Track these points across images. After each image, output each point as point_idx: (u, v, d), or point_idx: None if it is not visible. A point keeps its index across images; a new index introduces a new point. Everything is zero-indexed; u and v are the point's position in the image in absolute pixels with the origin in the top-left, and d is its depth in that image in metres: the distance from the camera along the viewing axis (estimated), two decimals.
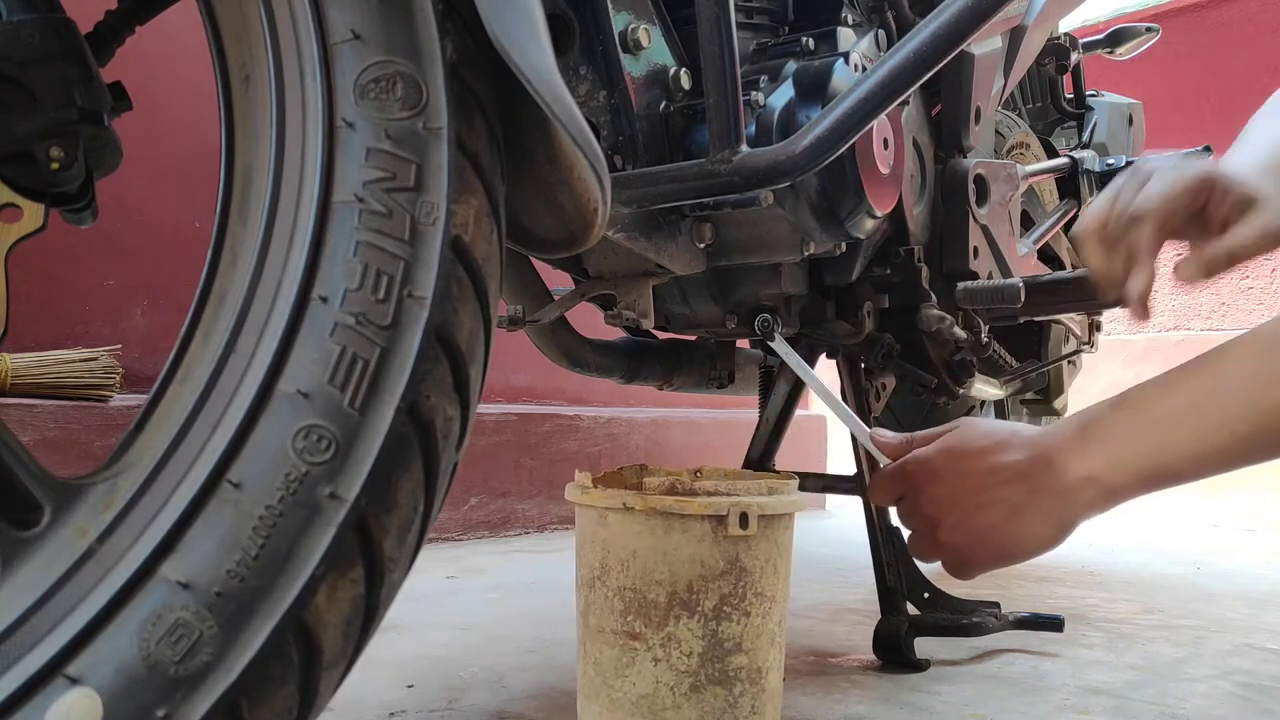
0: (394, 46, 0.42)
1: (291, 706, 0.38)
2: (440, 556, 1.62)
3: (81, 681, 0.35)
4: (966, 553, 0.67)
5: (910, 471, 0.69)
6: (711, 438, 2.37)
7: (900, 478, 0.70)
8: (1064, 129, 1.54)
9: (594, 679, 0.72)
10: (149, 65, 1.49)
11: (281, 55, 0.42)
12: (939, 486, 0.67)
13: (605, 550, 0.72)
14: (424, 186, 0.42)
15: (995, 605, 1.06)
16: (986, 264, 1.03)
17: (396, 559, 0.41)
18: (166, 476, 0.39)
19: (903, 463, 0.70)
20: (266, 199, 0.42)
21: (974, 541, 0.66)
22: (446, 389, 0.42)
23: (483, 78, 0.46)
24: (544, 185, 0.49)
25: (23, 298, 1.38)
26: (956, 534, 0.66)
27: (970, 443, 0.66)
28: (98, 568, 0.37)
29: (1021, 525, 0.63)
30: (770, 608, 0.72)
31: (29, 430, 1.26)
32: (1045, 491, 0.62)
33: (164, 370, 0.42)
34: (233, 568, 0.37)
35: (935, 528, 0.67)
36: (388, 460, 0.40)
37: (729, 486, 0.73)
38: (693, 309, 0.98)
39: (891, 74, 0.65)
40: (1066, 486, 0.61)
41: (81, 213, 0.52)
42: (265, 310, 0.40)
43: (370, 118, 0.42)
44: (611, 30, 0.72)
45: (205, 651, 0.36)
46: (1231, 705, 0.87)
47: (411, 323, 0.41)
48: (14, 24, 0.45)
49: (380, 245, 0.41)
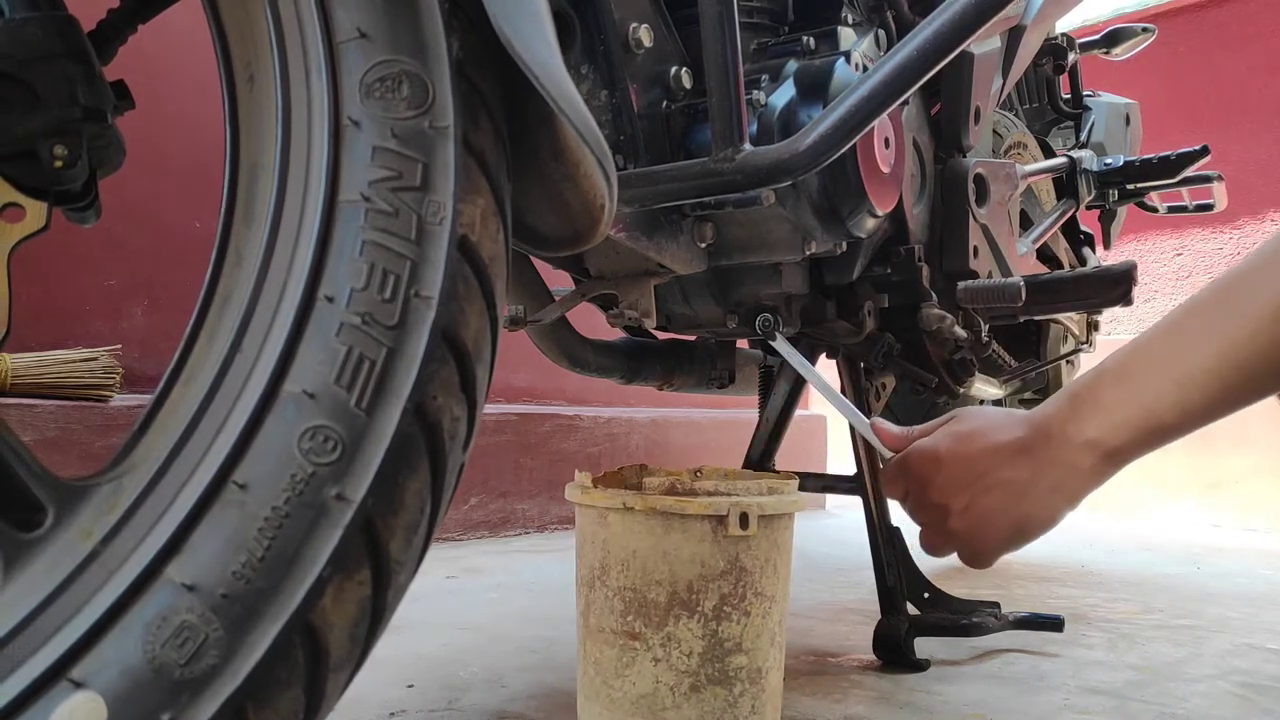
0: (400, 45, 0.42)
1: (298, 710, 0.38)
2: (440, 556, 1.61)
3: (86, 685, 0.34)
4: (980, 538, 0.67)
5: (914, 462, 0.70)
6: (711, 438, 2.37)
7: (905, 469, 0.70)
8: (1061, 129, 1.54)
9: (594, 679, 0.72)
10: (149, 64, 1.48)
11: (287, 54, 0.42)
12: (944, 474, 0.67)
13: (605, 550, 0.72)
14: (430, 186, 0.42)
15: (995, 605, 1.06)
16: (986, 263, 1.03)
17: (403, 560, 0.41)
18: (171, 477, 0.38)
19: (905, 455, 0.71)
20: (272, 199, 0.41)
21: (986, 525, 0.66)
22: (453, 389, 0.42)
23: (489, 76, 0.46)
24: (550, 183, 0.49)
25: (23, 298, 1.38)
26: (967, 519, 0.67)
27: (969, 428, 0.67)
28: (102, 570, 0.36)
29: (1031, 502, 0.64)
30: (770, 607, 0.72)
31: (29, 430, 1.26)
32: (1049, 464, 0.62)
33: (168, 371, 0.41)
34: (238, 569, 0.36)
35: (945, 517, 0.68)
36: (394, 461, 0.39)
37: (729, 486, 0.72)
38: (694, 308, 0.98)
39: (894, 73, 0.65)
40: (1068, 456, 0.61)
41: (84, 212, 0.51)
42: (271, 310, 0.40)
43: (376, 117, 0.41)
44: (613, 29, 0.72)
45: (211, 654, 0.35)
46: (1231, 705, 0.87)
47: (418, 322, 0.41)
48: (16, 22, 0.45)
49: (387, 245, 0.41)
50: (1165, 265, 2.84)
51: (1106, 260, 1.25)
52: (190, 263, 1.54)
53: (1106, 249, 1.52)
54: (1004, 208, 1.07)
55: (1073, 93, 1.52)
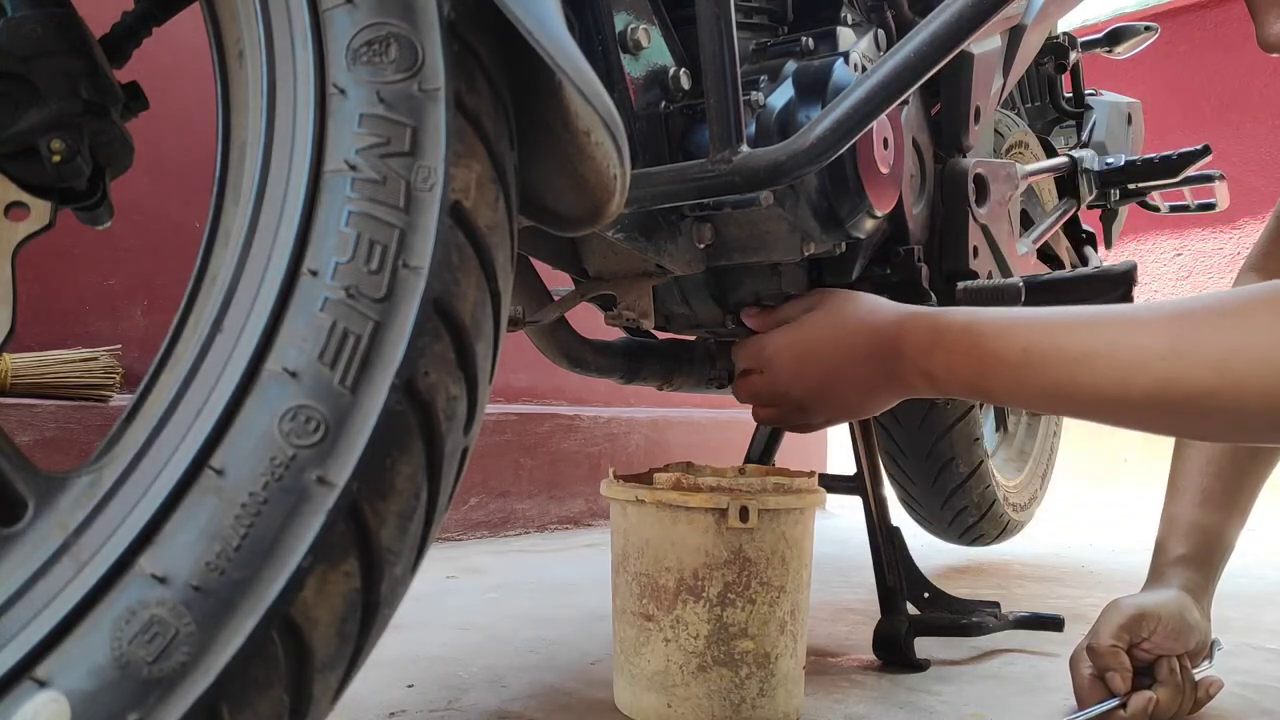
0: (387, 8, 0.40)
1: (280, 712, 0.35)
2: (440, 556, 1.61)
3: (50, 684, 0.32)
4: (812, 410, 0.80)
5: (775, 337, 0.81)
6: (711, 437, 2.37)
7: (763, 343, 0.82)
8: (1063, 128, 1.54)
9: (619, 655, 0.80)
10: (150, 63, 1.48)
11: (272, 25, 0.41)
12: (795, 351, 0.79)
13: (625, 539, 0.79)
14: (420, 150, 0.39)
15: (995, 605, 1.06)
16: (986, 263, 1.03)
17: (397, 550, 0.38)
18: (148, 465, 0.36)
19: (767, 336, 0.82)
20: (256, 172, 0.40)
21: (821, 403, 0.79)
22: (448, 365, 0.39)
23: (488, 38, 0.44)
24: (564, 157, 0.47)
25: (23, 298, 1.38)
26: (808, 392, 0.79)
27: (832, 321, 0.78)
28: (72, 563, 0.34)
29: (865, 395, 0.77)
30: (778, 597, 0.77)
31: (29, 430, 1.26)
32: (890, 375, 0.74)
33: (156, 358, 0.39)
34: (212, 560, 0.34)
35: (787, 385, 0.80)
36: (382, 442, 0.37)
37: (730, 483, 0.77)
38: (693, 309, 0.98)
39: (893, 73, 0.65)
40: (907, 374, 0.73)
41: (94, 211, 0.50)
42: (254, 287, 0.38)
43: (363, 82, 0.39)
44: (611, 30, 0.72)
45: (181, 651, 0.33)
46: (1231, 705, 0.87)
47: (408, 294, 0.38)
48: (17, 19, 0.45)
49: (374, 214, 0.38)
50: (1165, 265, 2.84)
51: (1107, 260, 1.25)
52: (191, 262, 1.53)
53: (1108, 248, 1.52)
54: (1004, 207, 1.07)
55: (1074, 92, 1.52)
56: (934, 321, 0.71)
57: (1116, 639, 0.79)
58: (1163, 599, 0.82)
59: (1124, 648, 0.79)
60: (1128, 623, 0.79)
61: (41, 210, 0.46)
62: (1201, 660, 0.83)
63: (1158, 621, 0.79)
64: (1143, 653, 0.80)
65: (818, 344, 0.78)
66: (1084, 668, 0.81)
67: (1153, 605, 0.80)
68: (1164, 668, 0.79)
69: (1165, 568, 0.87)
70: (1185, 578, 0.85)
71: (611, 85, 0.73)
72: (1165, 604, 0.81)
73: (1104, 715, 0.77)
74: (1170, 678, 0.79)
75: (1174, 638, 0.79)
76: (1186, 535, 0.87)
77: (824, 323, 0.78)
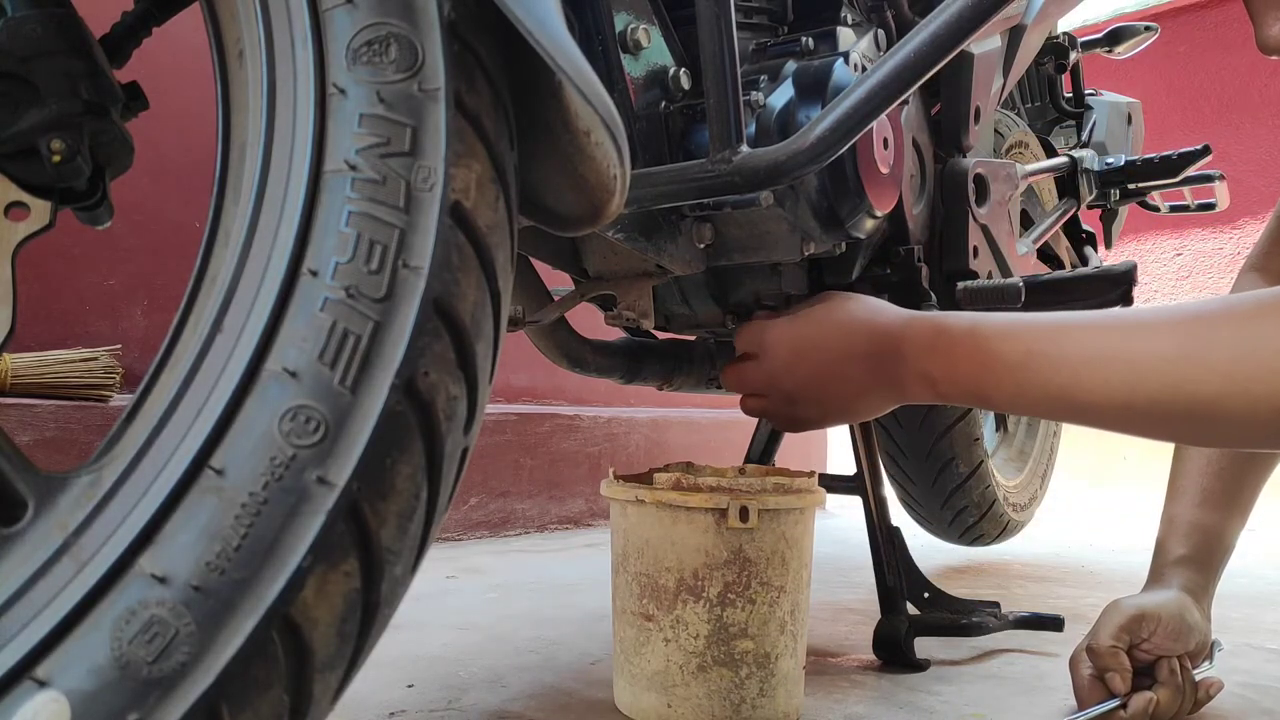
0: (387, 8, 0.41)
1: (281, 712, 0.35)
2: (440, 556, 1.61)
3: (50, 684, 0.32)
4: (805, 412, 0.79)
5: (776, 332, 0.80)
6: (711, 437, 2.37)
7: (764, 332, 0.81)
8: (1063, 128, 1.54)
9: (619, 655, 0.80)
10: (150, 63, 1.48)
11: (272, 25, 0.41)
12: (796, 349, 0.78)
13: (625, 539, 0.79)
14: (420, 150, 0.40)
15: (995, 605, 1.06)
16: (986, 263, 1.03)
17: (397, 550, 0.38)
18: (148, 465, 0.36)
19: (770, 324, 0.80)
20: (256, 172, 0.40)
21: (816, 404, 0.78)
22: (448, 365, 0.40)
23: (488, 38, 0.44)
24: (564, 157, 0.47)
25: (23, 298, 1.38)
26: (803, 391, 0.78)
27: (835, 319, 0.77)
28: (72, 563, 0.34)
29: (863, 399, 0.76)
30: (778, 597, 0.76)
31: (29, 430, 1.26)
32: (889, 379, 0.73)
33: (157, 358, 0.40)
34: (212, 560, 0.34)
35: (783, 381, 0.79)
36: (382, 442, 0.37)
37: (730, 483, 0.77)
38: (693, 309, 0.98)
39: (893, 73, 0.65)
40: (906, 378, 0.72)
41: (94, 211, 0.50)
42: (254, 287, 0.38)
43: (363, 82, 0.40)
44: (611, 30, 0.72)
45: (181, 651, 0.33)
46: (1231, 705, 0.87)
47: (408, 294, 0.38)
48: (17, 19, 0.45)
49: (374, 214, 0.38)
50: (1165, 265, 2.84)
51: (1107, 260, 1.25)
52: (191, 263, 1.54)
53: (1108, 248, 1.52)
54: (1004, 207, 1.07)
55: (1074, 92, 1.52)
56: (937, 324, 0.70)
57: (1116, 639, 0.79)
58: (1163, 599, 0.82)
59: (1124, 648, 0.79)
60: (1128, 623, 0.79)
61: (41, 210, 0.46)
62: (1202, 661, 0.83)
63: (1158, 622, 0.79)
64: (1143, 653, 0.80)
65: (817, 337, 0.77)
66: (1084, 668, 0.81)
67: (1153, 606, 0.80)
68: (1164, 668, 0.79)
69: (1165, 568, 0.87)
70: (1185, 578, 0.85)
71: (611, 85, 0.73)
72: (1165, 604, 0.81)
73: (1104, 716, 0.77)
74: (1170, 678, 0.79)
75: (1174, 638, 0.79)
76: (1187, 536, 0.87)
77: (826, 318, 0.77)
